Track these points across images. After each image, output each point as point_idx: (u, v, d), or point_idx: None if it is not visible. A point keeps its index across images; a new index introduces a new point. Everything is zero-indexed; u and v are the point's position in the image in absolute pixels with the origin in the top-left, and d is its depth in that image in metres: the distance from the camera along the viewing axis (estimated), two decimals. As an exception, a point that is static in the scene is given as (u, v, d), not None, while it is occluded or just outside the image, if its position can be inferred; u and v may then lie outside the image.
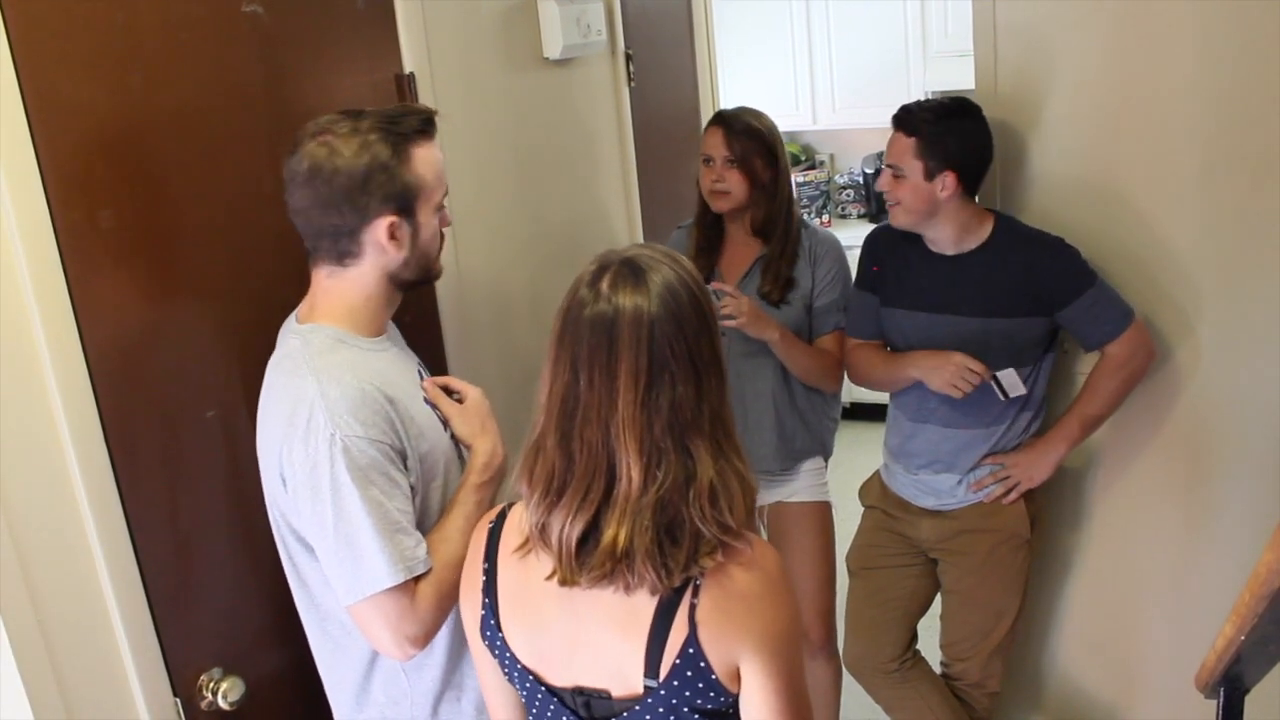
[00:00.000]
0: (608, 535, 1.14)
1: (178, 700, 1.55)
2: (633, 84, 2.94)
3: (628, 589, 1.16)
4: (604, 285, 1.15)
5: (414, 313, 2.09)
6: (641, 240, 3.00)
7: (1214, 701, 1.63)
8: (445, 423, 1.53)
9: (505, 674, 1.31)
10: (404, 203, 1.42)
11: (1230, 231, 2.14)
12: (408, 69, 2.03)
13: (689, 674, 1.17)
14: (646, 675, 1.19)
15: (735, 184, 2.35)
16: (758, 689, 1.19)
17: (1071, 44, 2.22)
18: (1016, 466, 2.23)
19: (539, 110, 2.51)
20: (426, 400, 1.51)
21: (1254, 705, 1.64)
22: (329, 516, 1.34)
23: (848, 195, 5.16)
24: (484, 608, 1.28)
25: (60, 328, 1.39)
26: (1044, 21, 2.23)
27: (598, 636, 1.21)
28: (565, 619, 1.22)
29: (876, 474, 2.49)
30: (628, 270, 1.16)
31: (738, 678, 1.20)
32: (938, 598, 2.45)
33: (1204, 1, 2.05)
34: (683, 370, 1.14)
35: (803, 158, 5.22)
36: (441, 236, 1.52)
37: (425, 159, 1.44)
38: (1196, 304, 2.20)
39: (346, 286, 1.46)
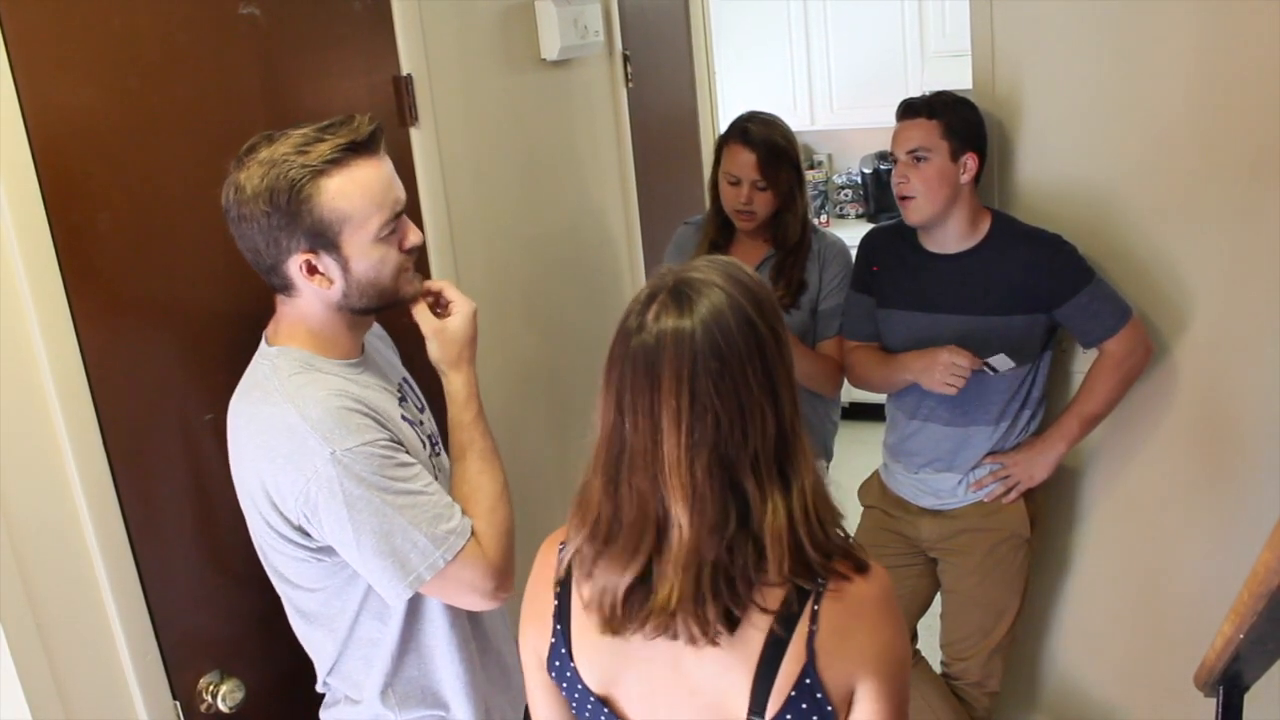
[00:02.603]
0: (662, 592, 1.08)
1: (177, 704, 1.55)
2: (630, 85, 2.94)
3: (692, 641, 1.09)
4: (650, 315, 1.07)
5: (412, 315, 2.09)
6: (640, 241, 3.00)
7: (1213, 700, 1.63)
8: (425, 444, 1.48)
9: (574, 708, 1.23)
10: (320, 238, 1.33)
11: (1226, 230, 2.14)
12: (405, 71, 2.03)
13: (803, 706, 1.10)
14: (752, 712, 1.11)
15: (762, 205, 2.35)
16: (870, 715, 1.12)
17: (1069, 43, 2.22)
18: (1016, 466, 2.23)
19: (537, 111, 2.51)
20: (404, 418, 1.45)
21: (1253, 704, 1.64)
22: (350, 534, 1.32)
23: (846, 195, 5.16)
24: (554, 635, 1.20)
25: (58, 330, 1.38)
26: (1041, 21, 2.23)
27: (690, 671, 1.14)
28: (650, 652, 1.14)
29: (875, 474, 2.49)
30: (674, 299, 1.07)
31: (849, 704, 1.12)
32: (937, 597, 2.45)
33: (1201, 1, 2.05)
34: (727, 409, 1.04)
35: (801, 158, 5.22)
36: (405, 255, 1.41)
37: (345, 188, 1.32)
38: (1192, 302, 2.20)
39: (301, 312, 1.41)
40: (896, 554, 2.40)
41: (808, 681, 1.09)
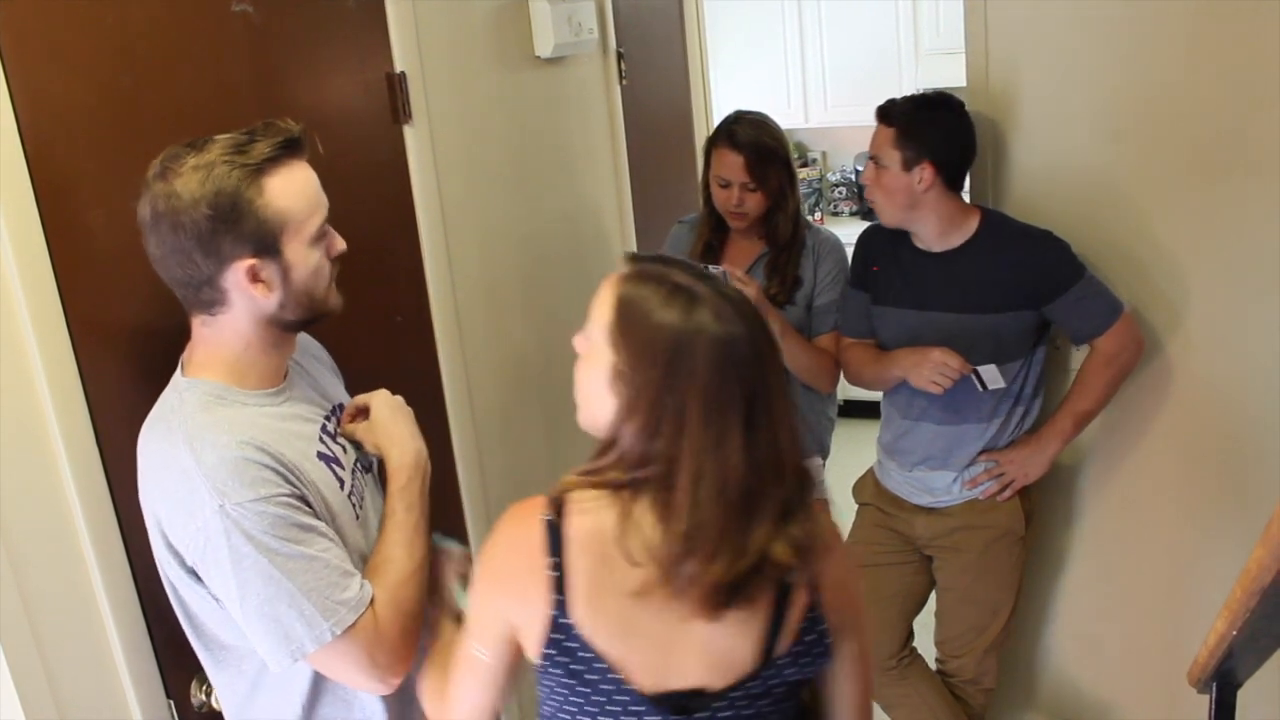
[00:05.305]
0: (777, 551, 1.15)
1: (171, 702, 1.55)
2: (624, 82, 2.94)
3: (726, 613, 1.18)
4: (705, 314, 1.15)
5: (406, 312, 2.09)
6: (634, 238, 3.00)
7: (1206, 696, 1.64)
8: (342, 482, 1.40)
9: (566, 680, 1.22)
10: (263, 242, 1.27)
11: (1219, 227, 2.15)
12: (399, 68, 2.02)
13: (809, 639, 1.22)
14: (763, 653, 1.21)
15: (754, 205, 2.36)
16: (852, 653, 1.28)
17: (1063, 41, 2.22)
18: (1011, 463, 2.23)
19: (531, 109, 2.51)
20: (320, 455, 1.38)
21: (1246, 700, 1.65)
22: (234, 591, 1.25)
23: (840, 193, 5.16)
24: (554, 607, 1.18)
25: (51, 331, 1.38)
26: (1035, 19, 2.23)
27: (702, 633, 1.18)
28: (659, 621, 1.18)
29: (870, 471, 2.49)
30: (690, 297, 1.17)
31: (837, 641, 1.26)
32: (933, 595, 2.45)
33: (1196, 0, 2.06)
34: (768, 390, 1.24)
35: (795, 155, 5.22)
36: (332, 265, 1.36)
37: (285, 188, 1.28)
38: (1186, 298, 2.21)
39: (222, 336, 1.33)
40: (891, 551, 2.40)
41: (813, 614, 1.22)
